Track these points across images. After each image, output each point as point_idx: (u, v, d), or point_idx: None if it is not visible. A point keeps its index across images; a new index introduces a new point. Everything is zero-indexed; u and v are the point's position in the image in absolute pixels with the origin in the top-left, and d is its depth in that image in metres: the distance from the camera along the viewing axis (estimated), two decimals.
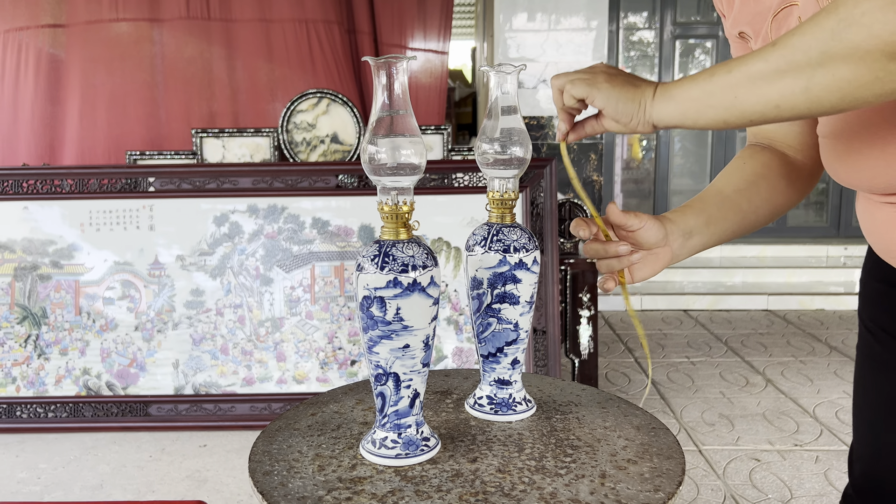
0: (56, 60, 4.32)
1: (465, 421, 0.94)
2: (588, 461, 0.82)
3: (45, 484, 2.26)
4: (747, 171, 1.02)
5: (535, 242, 0.92)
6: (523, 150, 0.89)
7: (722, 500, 2.13)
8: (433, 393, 1.05)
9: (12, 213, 2.71)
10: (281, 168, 2.75)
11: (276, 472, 0.82)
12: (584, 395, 1.03)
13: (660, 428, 0.91)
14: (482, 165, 0.91)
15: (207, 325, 2.67)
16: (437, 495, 0.75)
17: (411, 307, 0.78)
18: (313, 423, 0.95)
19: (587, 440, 0.88)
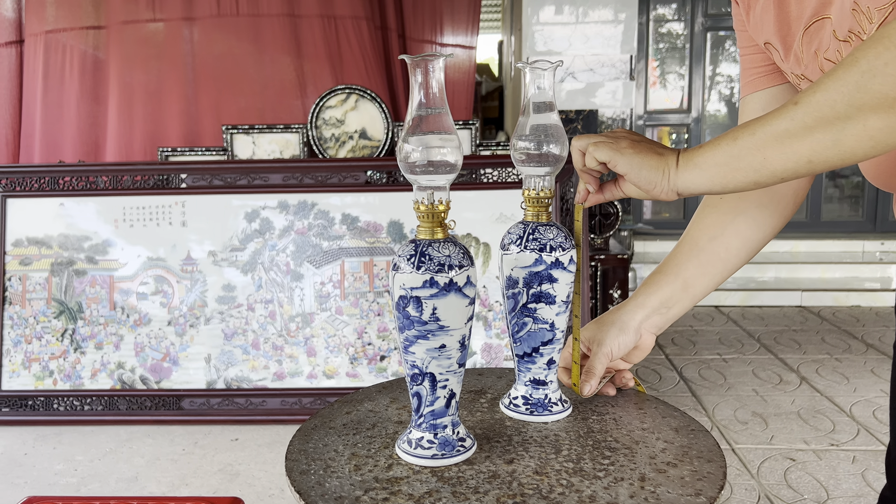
0: (97, 61, 4.40)
1: (500, 421, 0.93)
2: (627, 464, 0.81)
3: (81, 476, 2.30)
4: (723, 210, 1.00)
5: (571, 241, 0.90)
6: (559, 147, 0.88)
7: (756, 500, 2.10)
8: (467, 392, 1.05)
9: (49, 209, 2.76)
10: (311, 164, 2.77)
11: (312, 472, 0.82)
12: (620, 396, 1.02)
13: (699, 430, 0.89)
14: (517, 163, 0.90)
15: (239, 321, 2.70)
16: (475, 497, 0.75)
17: (447, 307, 0.78)
18: (348, 421, 0.95)
19: (625, 442, 0.86)
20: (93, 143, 4.40)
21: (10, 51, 4.41)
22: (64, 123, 4.38)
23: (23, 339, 2.72)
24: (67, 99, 4.37)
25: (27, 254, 2.75)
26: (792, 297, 4.38)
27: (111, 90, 4.38)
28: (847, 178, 5.25)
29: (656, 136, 5.20)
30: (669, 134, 5.21)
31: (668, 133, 5.20)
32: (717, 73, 5.18)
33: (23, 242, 2.76)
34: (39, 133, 4.38)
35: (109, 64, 4.37)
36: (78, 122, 4.36)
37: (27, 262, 2.75)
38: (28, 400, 2.69)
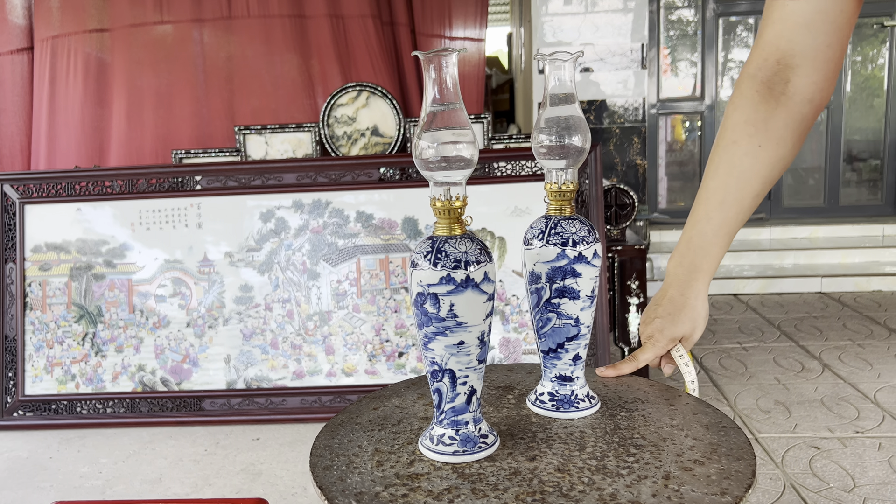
0: (102, 64, 4.41)
1: (525, 417, 0.93)
2: (652, 461, 0.80)
3: (106, 478, 2.32)
4: (765, 161, 0.93)
5: (595, 235, 0.89)
6: (581, 139, 0.87)
7: (781, 489, 2.08)
8: (495, 388, 1.04)
9: (66, 214, 2.78)
10: (324, 163, 2.77)
11: (335, 467, 0.82)
12: (651, 392, 1.01)
13: (730, 427, 0.88)
14: (538, 156, 0.89)
15: (257, 320, 2.71)
16: (494, 494, 0.74)
17: (465, 304, 0.77)
18: (374, 417, 0.95)
19: (652, 439, 0.85)
20: (97, 148, 4.41)
21: (21, 57, 4.44)
22: (70, 128, 4.40)
23: (44, 343, 2.75)
24: (72, 103, 4.39)
25: (46, 259, 2.77)
26: (812, 284, 4.33)
27: (119, 93, 4.39)
28: (865, 161, 5.18)
29: (669, 123, 5.15)
30: (683, 122, 5.16)
31: (681, 121, 5.16)
32: (729, 58, 5.12)
33: (41, 248, 2.78)
34: (47, 138, 4.41)
35: (116, 67, 4.38)
36: (83, 127, 4.38)
37: (46, 268, 2.77)
38: (51, 404, 2.71)
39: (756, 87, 0.93)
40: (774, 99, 0.91)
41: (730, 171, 0.95)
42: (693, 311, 0.98)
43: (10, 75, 4.41)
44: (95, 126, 4.41)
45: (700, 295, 0.98)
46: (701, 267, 0.98)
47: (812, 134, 5.11)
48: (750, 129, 0.93)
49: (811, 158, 5.12)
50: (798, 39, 0.89)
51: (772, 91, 0.91)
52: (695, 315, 0.99)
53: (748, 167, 0.94)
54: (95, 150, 4.41)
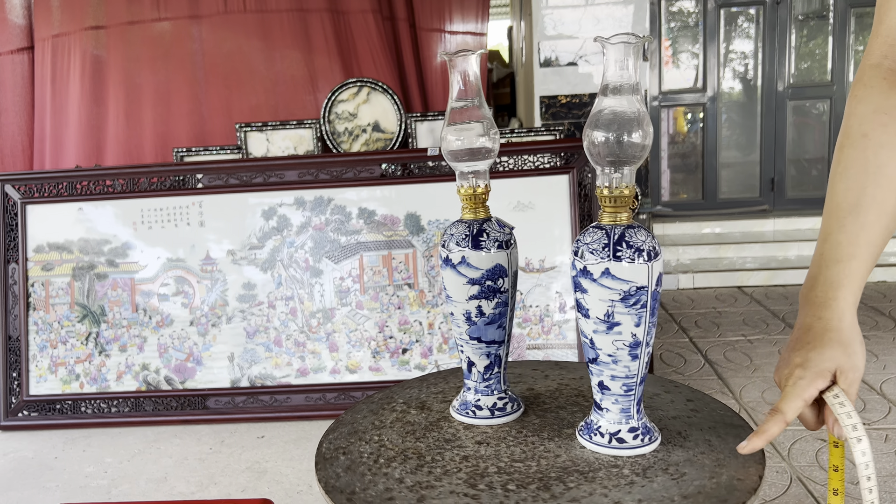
0: (99, 62, 4.40)
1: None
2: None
3: (111, 477, 2.32)
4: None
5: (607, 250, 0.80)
6: (642, 135, 0.76)
7: (788, 482, 2.07)
8: None
9: (68, 214, 2.77)
10: (326, 159, 2.75)
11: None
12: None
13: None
14: (590, 157, 0.78)
15: (260, 318, 2.70)
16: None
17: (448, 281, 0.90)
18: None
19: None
20: (94, 146, 4.40)
21: (21, 57, 4.43)
22: (69, 127, 4.39)
23: (48, 343, 2.75)
24: (70, 102, 4.38)
25: (49, 259, 2.77)
26: None
27: (116, 91, 4.38)
28: None
29: (672, 116, 5.13)
30: (685, 114, 5.14)
31: (683, 113, 5.13)
32: (731, 50, 5.10)
33: (44, 248, 2.77)
34: (51, 138, 4.40)
35: (113, 64, 4.36)
36: (80, 125, 4.36)
37: (49, 268, 2.77)
38: (56, 404, 2.71)
39: (883, 75, 0.82)
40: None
41: (863, 169, 0.79)
42: (839, 333, 0.76)
43: (10, 75, 4.40)
44: (93, 124, 4.40)
45: (844, 316, 0.77)
46: (840, 283, 0.78)
47: (815, 124, 5.10)
48: (882, 118, 0.80)
49: (814, 149, 5.10)
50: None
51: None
52: (843, 338, 0.76)
53: (886, 160, 0.79)
54: (92, 149, 4.40)
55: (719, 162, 5.10)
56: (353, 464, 0.82)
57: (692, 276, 4.40)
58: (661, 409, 0.94)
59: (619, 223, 0.78)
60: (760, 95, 5.04)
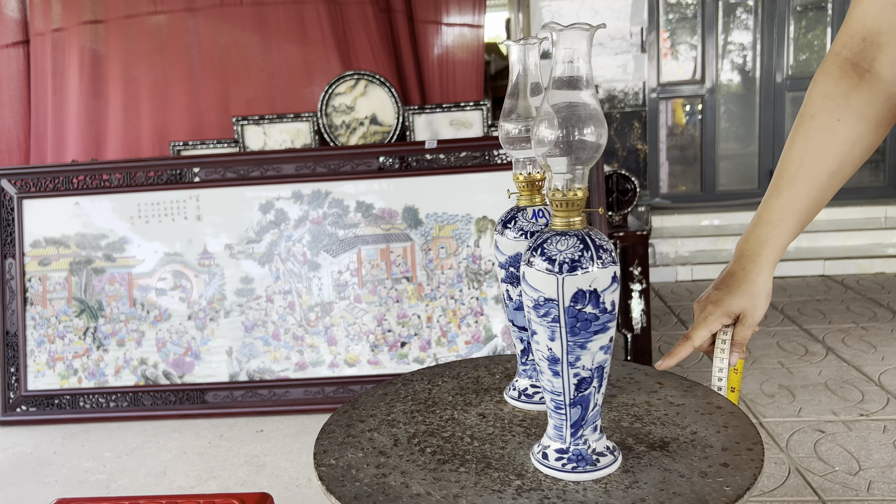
0: (97, 56, 4.38)
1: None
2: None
3: (110, 472, 2.32)
4: (842, 137, 0.89)
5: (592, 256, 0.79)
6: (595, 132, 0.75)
7: (786, 473, 2.08)
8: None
9: (64, 208, 2.76)
10: (323, 153, 2.75)
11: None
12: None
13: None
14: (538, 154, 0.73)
15: (258, 312, 2.70)
16: None
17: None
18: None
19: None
20: (93, 141, 4.39)
21: (17, 51, 4.41)
22: (67, 121, 4.38)
23: (46, 338, 2.74)
24: (69, 96, 4.37)
25: (45, 254, 2.76)
26: (814, 267, 4.32)
27: (114, 85, 4.36)
28: None
29: (670, 108, 5.12)
30: (683, 106, 5.13)
31: (681, 105, 5.12)
32: (729, 41, 5.09)
33: (41, 243, 2.77)
34: (50, 133, 4.39)
35: (111, 59, 4.35)
36: (79, 120, 4.35)
37: (46, 263, 2.76)
38: (54, 399, 2.71)
39: (839, 64, 0.90)
40: (858, 75, 0.88)
41: (805, 146, 0.90)
42: (753, 285, 0.90)
43: (5, 69, 4.38)
44: (91, 119, 4.39)
45: (763, 271, 0.91)
46: (766, 242, 0.91)
47: None
48: (829, 102, 0.89)
49: None
50: (885, 17, 0.86)
51: (856, 68, 0.88)
52: (754, 290, 0.90)
53: (824, 141, 0.89)
54: (91, 143, 4.39)
55: (718, 154, 5.09)
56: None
57: (691, 268, 4.40)
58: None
59: (556, 228, 0.73)
60: (759, 87, 5.03)
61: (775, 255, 0.91)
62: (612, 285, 0.70)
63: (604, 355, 0.73)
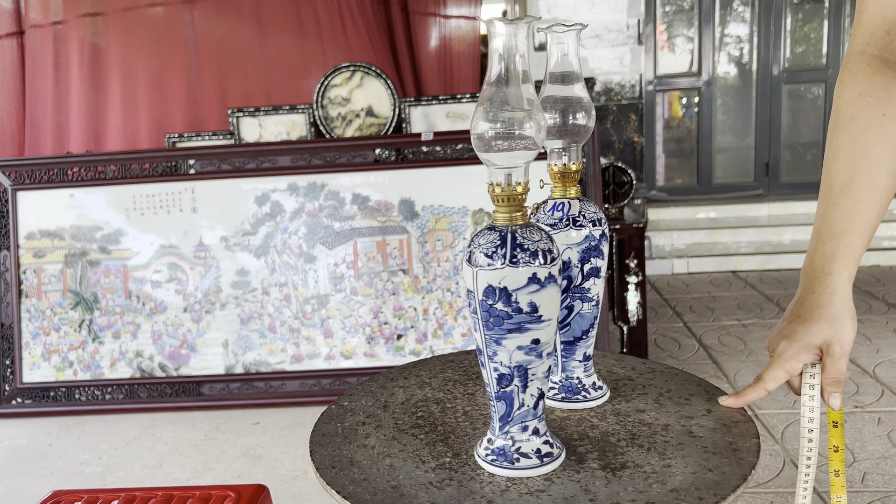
0: (97, 49, 4.37)
1: None
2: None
3: (106, 464, 2.32)
4: (892, 132, 0.81)
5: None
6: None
7: (781, 465, 2.09)
8: None
9: (59, 200, 2.75)
10: (319, 145, 2.74)
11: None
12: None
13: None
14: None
15: (254, 305, 2.69)
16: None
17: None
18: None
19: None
20: (93, 133, 4.38)
21: (10, 42, 4.38)
22: (68, 114, 4.37)
23: (41, 331, 2.74)
24: (68, 89, 4.35)
25: (40, 246, 2.75)
26: None
27: (113, 78, 4.35)
28: None
29: (667, 100, 5.11)
30: (680, 98, 5.12)
31: (678, 98, 5.12)
32: (726, 34, 5.08)
33: (35, 235, 2.75)
34: (49, 125, 4.37)
35: (110, 51, 4.34)
36: (79, 112, 4.34)
37: (41, 255, 2.75)
38: (50, 391, 2.70)
39: (867, 61, 0.84)
40: (891, 68, 0.82)
41: (853, 148, 0.82)
42: (829, 308, 0.78)
43: None
44: (91, 111, 4.38)
45: (838, 290, 0.79)
46: (835, 257, 0.80)
47: (809, 108, 5.09)
48: (868, 100, 0.82)
49: (809, 133, 5.10)
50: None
51: (886, 62, 0.83)
52: (832, 313, 0.78)
53: (873, 139, 0.81)
54: (91, 136, 4.38)
55: (714, 146, 5.09)
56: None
57: (687, 260, 4.40)
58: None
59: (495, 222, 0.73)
60: (755, 80, 5.03)
61: (849, 270, 0.80)
62: (530, 286, 0.69)
63: (524, 356, 0.71)
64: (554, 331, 0.73)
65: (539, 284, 0.69)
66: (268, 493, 1.19)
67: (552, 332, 0.72)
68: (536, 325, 0.70)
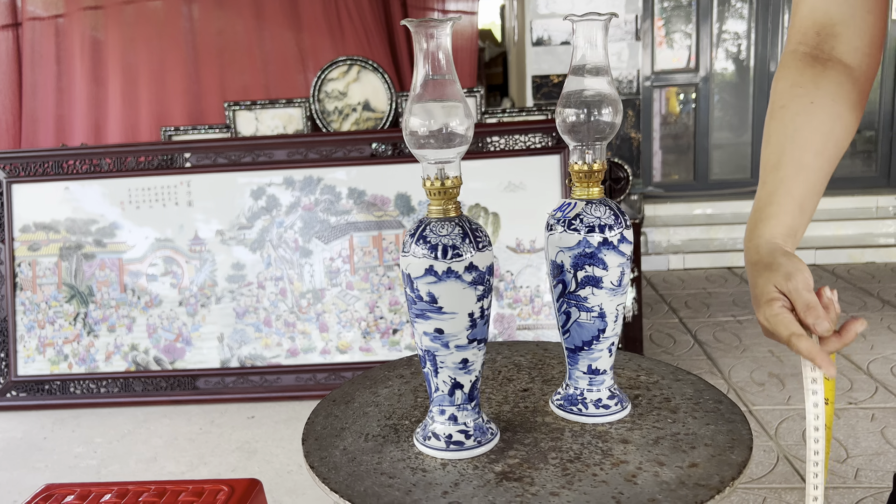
0: (97, 42, 4.36)
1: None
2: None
3: (101, 458, 2.32)
4: (819, 117, 0.86)
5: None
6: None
7: (775, 461, 2.09)
8: None
9: (54, 193, 2.74)
10: (315, 139, 2.73)
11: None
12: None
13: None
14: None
15: (250, 299, 2.69)
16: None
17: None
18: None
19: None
20: (93, 126, 4.38)
21: (6, 34, 4.36)
22: (70, 106, 4.36)
23: (36, 324, 2.73)
24: (70, 82, 4.35)
25: (35, 239, 2.74)
26: (806, 256, 4.33)
27: (113, 71, 4.35)
28: (859, 132, 5.16)
29: (664, 96, 5.11)
30: (677, 94, 5.12)
31: (675, 94, 5.11)
32: (724, 30, 5.08)
33: (30, 228, 2.75)
34: (46, 117, 4.36)
35: (110, 45, 4.33)
36: (80, 105, 4.34)
37: (36, 248, 2.74)
38: (45, 384, 2.70)
39: (800, 58, 0.89)
40: (821, 64, 0.87)
41: (783, 133, 0.86)
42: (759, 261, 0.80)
43: None
44: (92, 104, 4.38)
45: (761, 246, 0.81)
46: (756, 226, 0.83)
47: None
48: (798, 90, 0.87)
49: None
50: (835, 9, 0.87)
51: (817, 58, 0.88)
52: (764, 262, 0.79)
53: (801, 124, 0.86)
54: (91, 129, 4.38)
55: (711, 143, 5.09)
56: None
57: (682, 256, 4.41)
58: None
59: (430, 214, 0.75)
60: (753, 76, 5.02)
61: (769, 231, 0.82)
62: (427, 277, 0.72)
63: (430, 342, 0.74)
64: (465, 327, 0.73)
65: (436, 277, 0.71)
66: (261, 487, 1.19)
67: (460, 326, 0.73)
68: (438, 315, 0.72)
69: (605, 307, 0.80)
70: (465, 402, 0.78)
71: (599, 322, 0.81)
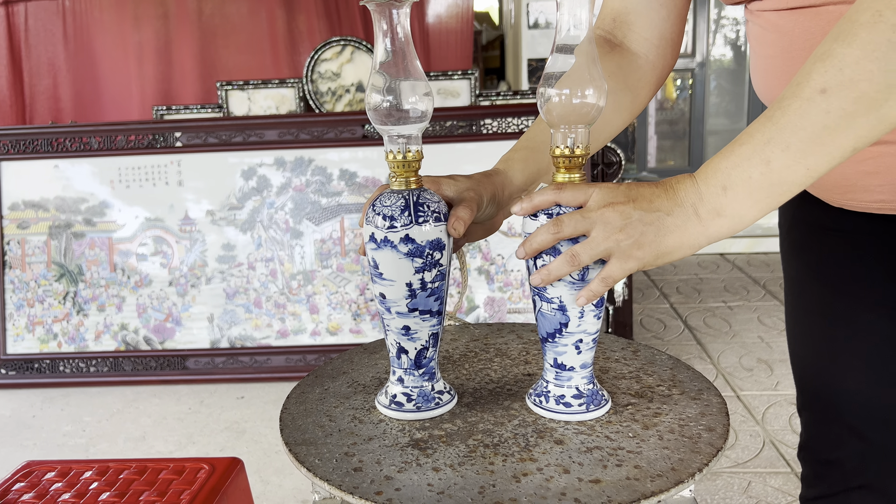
0: (90, 21, 4.32)
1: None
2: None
3: (89, 436, 2.32)
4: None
5: None
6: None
7: (761, 445, 2.10)
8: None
9: (44, 171, 2.73)
10: (306, 119, 2.71)
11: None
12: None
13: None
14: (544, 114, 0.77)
15: (240, 279, 2.68)
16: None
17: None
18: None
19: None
20: (86, 105, 4.36)
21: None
22: (60, 88, 4.33)
23: (25, 302, 2.72)
24: (59, 62, 4.31)
25: (24, 217, 2.73)
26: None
27: (103, 50, 4.31)
28: None
29: None
30: (674, 80, 5.10)
31: (672, 79, 5.09)
32: (722, 15, 5.05)
33: (19, 206, 2.73)
34: (37, 95, 4.33)
35: (101, 23, 4.29)
36: (73, 85, 4.31)
37: (25, 226, 2.73)
38: (34, 363, 2.70)
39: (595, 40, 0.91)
40: (609, 46, 0.93)
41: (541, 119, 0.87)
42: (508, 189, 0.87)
43: None
44: (85, 83, 4.35)
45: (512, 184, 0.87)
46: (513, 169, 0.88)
47: None
48: None
49: None
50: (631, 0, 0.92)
51: (608, 42, 0.94)
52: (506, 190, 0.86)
53: None
54: (82, 109, 4.36)
55: (706, 129, 5.08)
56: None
57: None
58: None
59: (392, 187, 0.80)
60: (749, 62, 5.00)
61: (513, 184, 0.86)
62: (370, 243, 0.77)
63: (379, 304, 0.80)
64: (403, 296, 0.77)
65: (375, 244, 0.76)
66: (242, 465, 1.19)
67: (399, 295, 0.77)
68: (380, 280, 0.77)
69: (566, 300, 0.76)
70: (412, 368, 0.81)
71: (561, 315, 0.77)
